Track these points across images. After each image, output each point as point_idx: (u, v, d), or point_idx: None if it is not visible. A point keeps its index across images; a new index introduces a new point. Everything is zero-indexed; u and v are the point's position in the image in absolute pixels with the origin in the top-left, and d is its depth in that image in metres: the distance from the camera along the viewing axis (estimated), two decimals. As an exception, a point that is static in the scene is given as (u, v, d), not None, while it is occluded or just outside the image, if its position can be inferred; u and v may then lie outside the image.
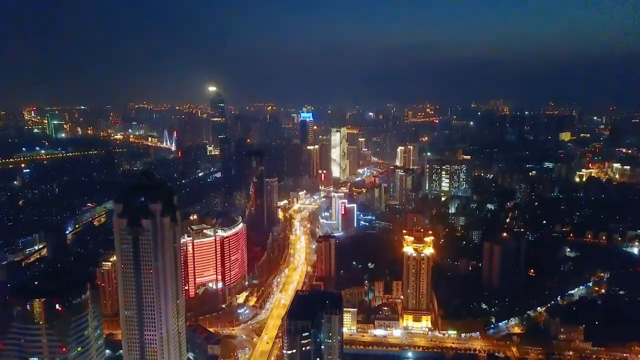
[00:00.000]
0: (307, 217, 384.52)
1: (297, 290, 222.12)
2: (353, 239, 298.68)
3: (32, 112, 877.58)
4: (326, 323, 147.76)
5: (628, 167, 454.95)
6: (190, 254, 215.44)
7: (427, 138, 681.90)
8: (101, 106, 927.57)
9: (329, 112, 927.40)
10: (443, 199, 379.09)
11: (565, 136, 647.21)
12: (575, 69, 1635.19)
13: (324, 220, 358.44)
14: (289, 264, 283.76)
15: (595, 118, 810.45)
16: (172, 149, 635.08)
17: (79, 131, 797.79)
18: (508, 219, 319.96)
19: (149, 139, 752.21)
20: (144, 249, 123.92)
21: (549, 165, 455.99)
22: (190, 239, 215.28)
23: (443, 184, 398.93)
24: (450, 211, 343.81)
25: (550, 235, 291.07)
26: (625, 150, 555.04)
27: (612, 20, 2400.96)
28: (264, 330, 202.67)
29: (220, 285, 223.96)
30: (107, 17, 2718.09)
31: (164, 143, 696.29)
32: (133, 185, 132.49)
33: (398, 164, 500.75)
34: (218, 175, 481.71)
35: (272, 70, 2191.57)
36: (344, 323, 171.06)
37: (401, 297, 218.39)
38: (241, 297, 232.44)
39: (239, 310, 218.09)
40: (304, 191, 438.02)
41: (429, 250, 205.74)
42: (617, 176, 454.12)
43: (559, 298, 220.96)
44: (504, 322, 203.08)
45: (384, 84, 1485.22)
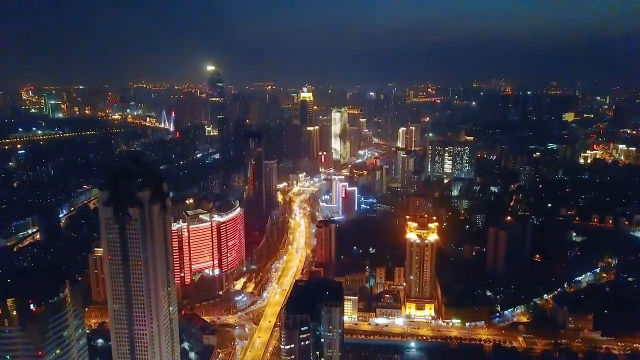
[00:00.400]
0: (307, 200, 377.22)
1: (296, 279, 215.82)
2: (354, 223, 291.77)
3: (29, 92, 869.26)
4: (326, 315, 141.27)
5: (634, 148, 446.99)
6: (186, 239, 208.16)
7: (428, 118, 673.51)
8: (100, 86, 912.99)
9: (329, 91, 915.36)
10: (446, 182, 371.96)
11: (569, 117, 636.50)
12: (577, 48, 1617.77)
13: (324, 204, 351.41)
14: (288, 249, 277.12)
15: (598, 98, 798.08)
16: (170, 129, 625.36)
17: (77, 111, 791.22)
18: (512, 202, 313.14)
19: (147, 119, 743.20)
20: (131, 239, 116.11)
21: (552, 146, 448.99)
22: (185, 224, 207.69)
23: (446, 166, 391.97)
24: (453, 194, 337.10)
25: (555, 219, 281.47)
26: (630, 131, 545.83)
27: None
28: (262, 319, 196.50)
29: (217, 271, 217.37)
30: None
31: (162, 123, 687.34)
32: (120, 170, 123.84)
33: (400, 145, 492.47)
34: (216, 156, 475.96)
35: (272, 49, 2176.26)
36: (344, 312, 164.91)
37: (403, 283, 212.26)
38: (239, 284, 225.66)
39: (236, 298, 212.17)
40: (304, 173, 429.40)
41: (433, 237, 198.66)
42: (623, 158, 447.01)
43: (565, 285, 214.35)
44: (509, 310, 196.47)
45: (385, 64, 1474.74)
